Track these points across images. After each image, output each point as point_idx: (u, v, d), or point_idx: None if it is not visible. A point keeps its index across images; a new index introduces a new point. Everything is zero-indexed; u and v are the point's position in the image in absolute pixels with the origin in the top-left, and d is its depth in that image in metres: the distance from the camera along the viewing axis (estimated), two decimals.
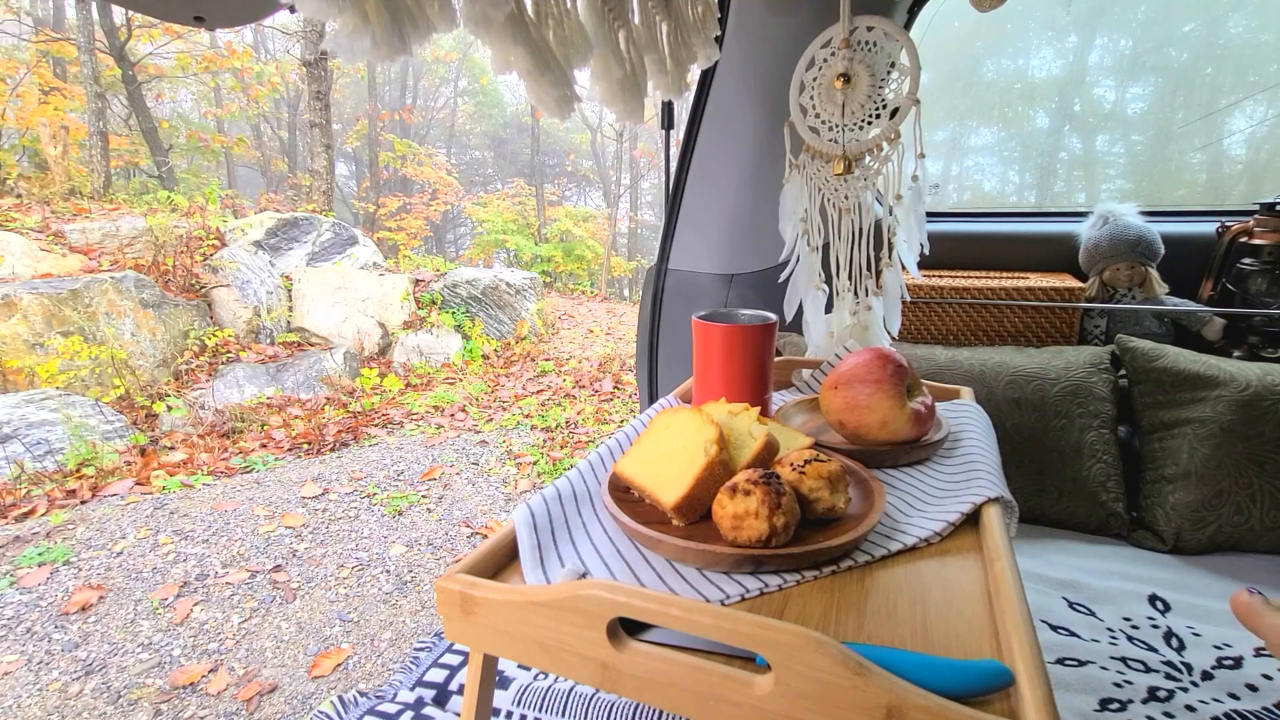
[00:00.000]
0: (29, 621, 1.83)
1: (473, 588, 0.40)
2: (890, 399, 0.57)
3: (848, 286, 1.07)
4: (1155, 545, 1.01)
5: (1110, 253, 1.27)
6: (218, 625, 1.84)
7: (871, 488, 0.50)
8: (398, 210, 9.35)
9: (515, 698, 0.63)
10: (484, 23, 0.50)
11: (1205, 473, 0.98)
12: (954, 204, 3.12)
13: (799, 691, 0.31)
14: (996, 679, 0.32)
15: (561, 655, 0.38)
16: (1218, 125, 2.22)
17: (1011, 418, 1.10)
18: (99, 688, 1.59)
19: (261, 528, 2.38)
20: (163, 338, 3.71)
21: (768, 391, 0.66)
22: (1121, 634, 0.78)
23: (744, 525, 0.42)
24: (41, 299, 3.27)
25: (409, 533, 2.41)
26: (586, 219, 10.13)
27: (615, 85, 0.67)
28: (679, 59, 0.78)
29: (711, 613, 0.33)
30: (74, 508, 2.50)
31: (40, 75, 6.02)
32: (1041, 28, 3.04)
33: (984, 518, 0.48)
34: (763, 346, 0.64)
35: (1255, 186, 2.31)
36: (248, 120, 9.76)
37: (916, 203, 0.97)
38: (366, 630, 1.85)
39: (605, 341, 5.44)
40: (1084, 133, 3.20)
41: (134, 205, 5.15)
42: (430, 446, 3.26)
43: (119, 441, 3.03)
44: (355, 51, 0.44)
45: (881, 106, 0.94)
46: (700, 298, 1.40)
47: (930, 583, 0.42)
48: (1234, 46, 2.35)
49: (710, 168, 1.34)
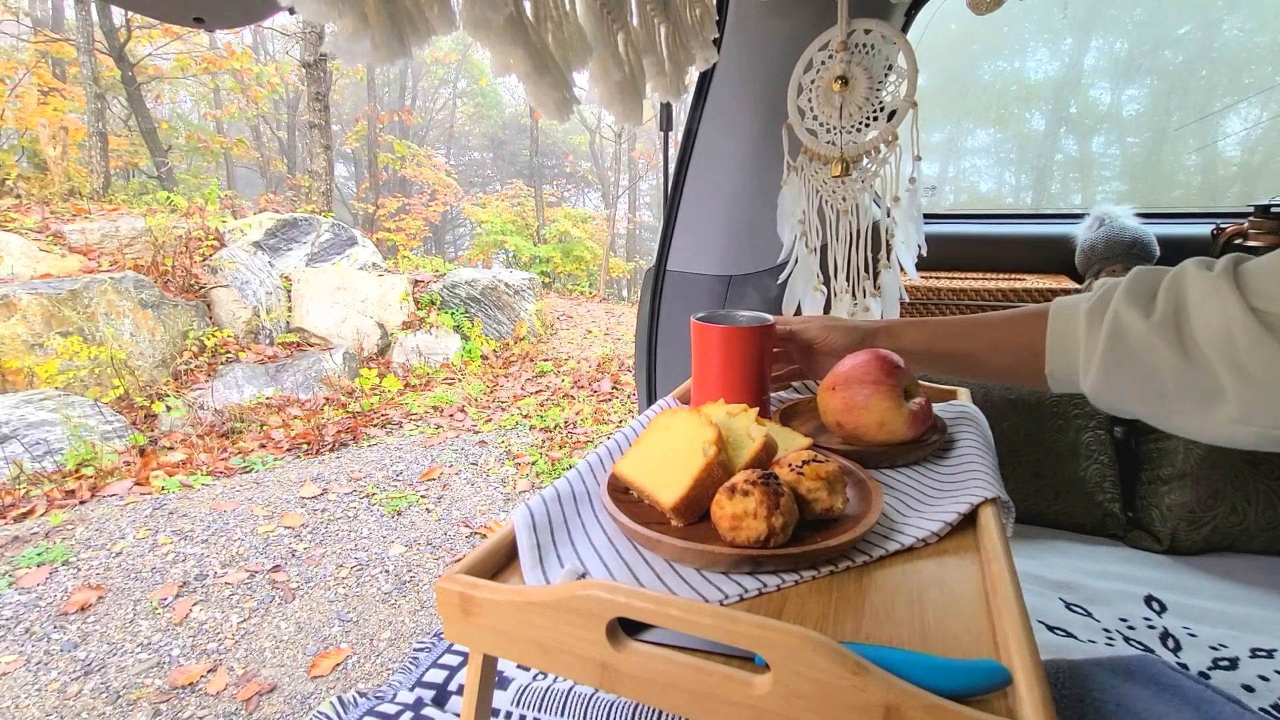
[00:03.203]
0: (28, 621, 1.83)
1: (472, 588, 0.40)
2: (888, 400, 0.57)
3: (846, 288, 1.08)
4: (1151, 546, 1.01)
5: (1106, 254, 1.27)
6: (217, 625, 1.84)
7: (869, 488, 0.51)
8: (397, 211, 9.34)
9: (514, 698, 0.63)
10: (483, 25, 0.50)
11: (1201, 473, 0.99)
12: (951, 205, 3.12)
13: (798, 691, 0.32)
14: (994, 678, 0.33)
15: (561, 655, 0.38)
16: (1213, 127, 2.22)
17: (1008, 418, 1.10)
18: (98, 688, 1.59)
19: (260, 528, 2.38)
20: (162, 338, 3.70)
21: (766, 392, 0.67)
22: (1118, 634, 0.79)
23: (742, 525, 0.43)
24: (41, 299, 3.26)
25: (408, 533, 2.41)
26: (585, 220, 10.14)
27: (614, 87, 0.67)
28: (677, 61, 0.79)
29: (710, 613, 0.34)
30: (73, 508, 2.49)
31: (39, 76, 6.01)
32: (1038, 30, 3.05)
33: (981, 518, 0.48)
34: (761, 348, 0.64)
35: (1250, 189, 2.32)
36: (247, 121, 9.76)
37: (913, 204, 0.97)
38: (365, 630, 1.85)
39: (604, 342, 5.44)
40: (1080, 135, 3.21)
41: (133, 206, 5.15)
42: (429, 447, 3.26)
43: (118, 442, 3.03)
44: (354, 53, 0.44)
45: (879, 109, 0.94)
46: (699, 299, 1.41)
47: (928, 583, 0.42)
48: (1229, 49, 2.36)
49: (709, 169, 1.35)
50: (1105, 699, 0.50)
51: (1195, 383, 0.47)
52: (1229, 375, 0.45)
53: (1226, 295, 0.45)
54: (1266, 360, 0.43)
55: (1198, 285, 0.47)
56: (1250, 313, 0.44)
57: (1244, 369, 0.44)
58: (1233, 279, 0.46)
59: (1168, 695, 0.49)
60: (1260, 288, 0.44)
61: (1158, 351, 0.48)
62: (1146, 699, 0.49)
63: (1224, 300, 0.45)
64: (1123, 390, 0.51)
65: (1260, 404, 0.44)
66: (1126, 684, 0.51)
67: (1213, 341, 0.45)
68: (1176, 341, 0.47)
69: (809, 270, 1.07)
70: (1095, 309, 0.53)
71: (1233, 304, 0.44)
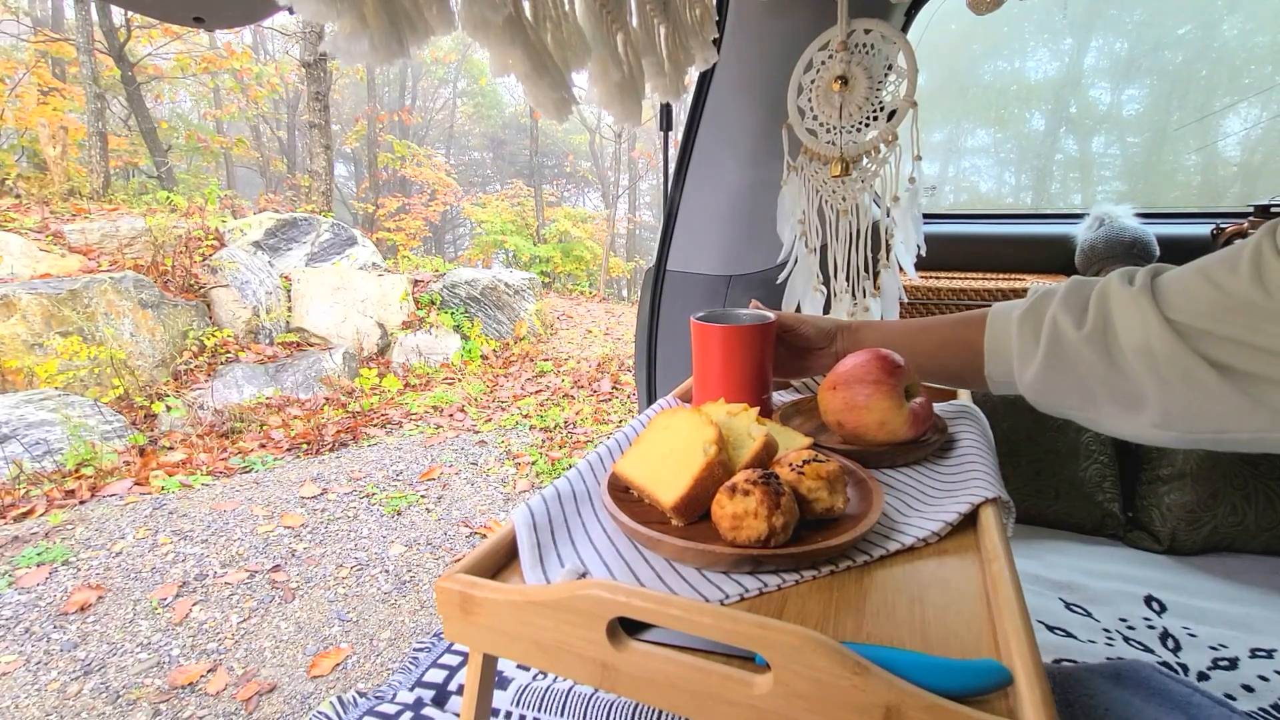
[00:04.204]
0: (28, 621, 1.82)
1: (472, 588, 0.40)
2: (888, 400, 0.57)
3: (845, 287, 1.08)
4: (1151, 546, 1.01)
5: (1106, 254, 1.27)
6: (216, 625, 1.84)
7: (870, 488, 0.51)
8: (396, 211, 9.34)
9: (514, 698, 0.63)
10: (482, 25, 0.50)
11: (1200, 473, 0.99)
12: (951, 205, 3.12)
13: (798, 691, 0.32)
14: (995, 678, 0.33)
15: (561, 655, 0.38)
16: (1212, 128, 2.22)
17: (1008, 418, 1.10)
18: (98, 687, 1.59)
19: (260, 528, 2.38)
20: (162, 338, 3.70)
21: (767, 391, 0.67)
22: (1118, 635, 0.79)
23: (743, 525, 0.43)
24: (40, 299, 3.26)
25: (408, 532, 2.41)
26: (585, 220, 10.14)
27: (613, 87, 0.67)
28: (677, 61, 0.79)
29: (711, 612, 0.34)
30: (73, 508, 2.49)
31: (39, 75, 6.01)
32: (1038, 30, 3.05)
33: (981, 518, 0.48)
34: (761, 347, 0.64)
35: (1250, 189, 2.32)
36: (247, 121, 9.76)
37: (913, 204, 0.97)
38: (365, 630, 1.85)
39: (604, 342, 5.44)
40: (1080, 135, 3.21)
41: (133, 206, 5.15)
42: (429, 446, 3.26)
43: (118, 442, 3.03)
44: (353, 53, 0.44)
45: (879, 109, 0.94)
46: (699, 299, 1.41)
47: (928, 583, 0.42)
48: (1229, 49, 2.36)
49: (708, 169, 1.35)
50: (1095, 704, 0.50)
51: (1122, 389, 0.50)
52: (1150, 383, 0.48)
53: (1145, 308, 0.48)
54: (1182, 369, 0.46)
55: (1119, 298, 0.50)
56: (1165, 324, 0.46)
57: (1162, 377, 0.47)
58: (1150, 292, 0.48)
59: (1157, 700, 0.50)
60: (1174, 301, 0.47)
61: (1088, 360, 0.51)
62: (1136, 704, 0.50)
63: (1143, 313, 0.48)
64: (1060, 394, 0.55)
65: (1178, 410, 0.47)
66: (1116, 689, 0.51)
67: (1135, 351, 0.48)
68: (1105, 351, 0.50)
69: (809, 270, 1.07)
70: (1027, 316, 0.56)
71: (1150, 316, 0.47)
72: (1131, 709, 0.49)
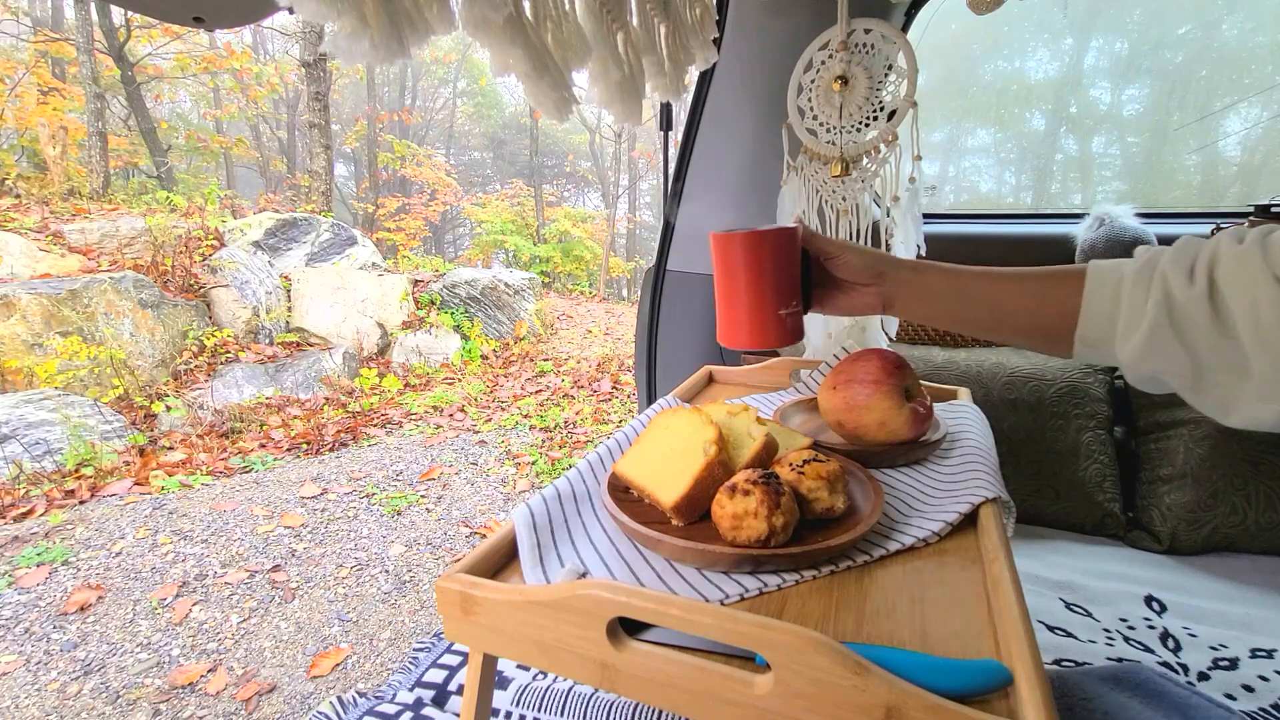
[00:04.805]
0: (27, 621, 1.82)
1: (472, 587, 0.40)
2: (888, 400, 0.57)
3: None
4: (1151, 546, 1.01)
5: (1106, 254, 1.27)
6: (216, 625, 1.84)
7: (870, 488, 0.51)
8: (396, 211, 9.34)
9: (514, 698, 0.63)
10: (482, 25, 0.50)
11: (1201, 473, 0.99)
12: (951, 205, 3.12)
13: (798, 691, 0.32)
14: (995, 678, 0.33)
15: (561, 655, 0.38)
16: (1213, 127, 2.22)
17: (1008, 419, 1.10)
18: (97, 687, 1.59)
19: (260, 528, 2.38)
20: (161, 338, 3.70)
21: (797, 299, 0.62)
22: (1118, 635, 0.79)
23: (743, 525, 0.43)
24: (40, 299, 3.26)
25: (408, 532, 2.41)
26: (585, 220, 10.14)
27: (614, 87, 0.67)
28: (677, 61, 0.79)
29: (711, 612, 0.34)
30: (73, 508, 2.49)
31: (39, 75, 6.01)
32: (1038, 30, 3.05)
33: (982, 518, 0.48)
34: (789, 252, 0.61)
35: (1250, 188, 2.32)
36: (246, 121, 9.76)
37: (913, 204, 0.97)
38: (365, 630, 1.85)
39: (604, 342, 5.44)
40: (1080, 134, 3.21)
41: (133, 205, 5.15)
42: (429, 446, 3.26)
43: (118, 441, 3.03)
44: (354, 53, 0.44)
45: (879, 108, 0.94)
46: (699, 298, 1.41)
47: (929, 582, 0.42)
48: (1229, 49, 2.36)
49: (708, 169, 1.35)
50: (1093, 708, 0.50)
51: (1228, 355, 0.46)
52: (1253, 347, 0.44)
53: (1254, 265, 0.44)
54: None
55: (1228, 256, 0.46)
56: (1275, 282, 0.43)
57: (1267, 341, 0.43)
58: (1261, 249, 0.44)
59: (1155, 702, 0.49)
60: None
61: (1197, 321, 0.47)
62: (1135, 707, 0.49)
63: (1251, 271, 0.44)
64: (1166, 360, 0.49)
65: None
66: (1114, 692, 0.51)
67: (1242, 311, 0.44)
68: (1212, 313, 0.46)
69: None
70: (1141, 274, 0.50)
71: (1259, 273, 0.43)
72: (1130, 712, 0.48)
